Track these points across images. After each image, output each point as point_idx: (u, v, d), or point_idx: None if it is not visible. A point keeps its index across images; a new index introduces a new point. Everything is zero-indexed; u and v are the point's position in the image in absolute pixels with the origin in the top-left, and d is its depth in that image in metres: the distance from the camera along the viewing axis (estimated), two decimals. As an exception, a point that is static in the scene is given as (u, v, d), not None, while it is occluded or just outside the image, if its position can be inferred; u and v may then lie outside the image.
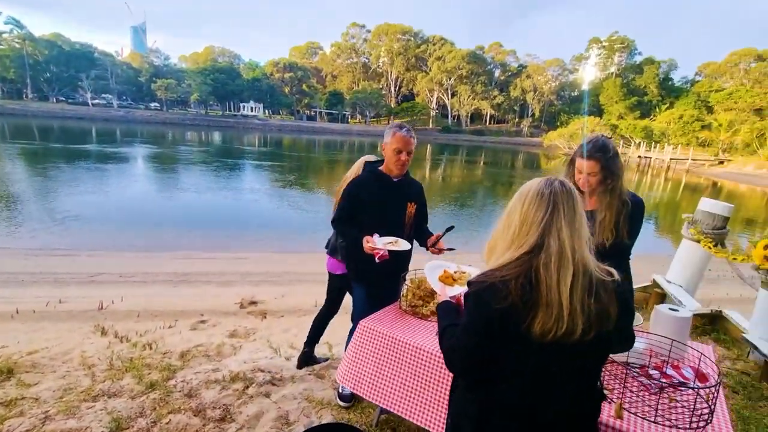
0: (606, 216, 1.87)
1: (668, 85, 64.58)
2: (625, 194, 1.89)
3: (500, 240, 1.03)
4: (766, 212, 18.78)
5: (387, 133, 2.18)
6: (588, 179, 1.88)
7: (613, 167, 1.85)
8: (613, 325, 0.94)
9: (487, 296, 0.95)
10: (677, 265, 4.14)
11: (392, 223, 2.25)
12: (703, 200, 3.96)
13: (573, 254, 0.93)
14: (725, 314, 3.27)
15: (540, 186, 1.00)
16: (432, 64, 70.27)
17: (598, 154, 1.83)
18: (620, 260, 1.98)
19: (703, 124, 45.72)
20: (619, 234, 1.88)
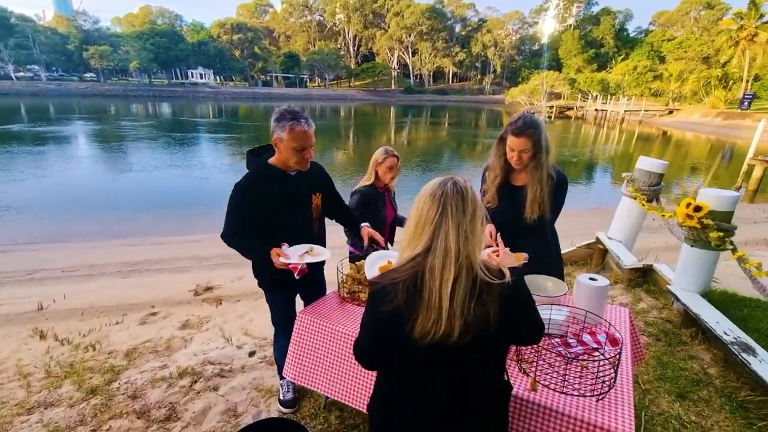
0: (536, 191, 1.92)
1: (624, 36, 65.70)
2: (551, 169, 1.92)
3: (404, 239, 1.05)
4: (709, 159, 20.10)
5: (280, 127, 1.75)
6: (520, 156, 1.90)
7: (543, 142, 1.88)
8: (495, 327, 0.95)
9: (378, 298, 1.00)
10: (617, 222, 4.37)
11: (297, 224, 1.95)
12: (640, 159, 4.12)
13: (458, 257, 0.94)
14: (654, 267, 3.52)
15: (433, 187, 1.01)
16: (390, 20, 67.58)
17: (530, 130, 1.84)
18: (544, 231, 2.04)
19: (655, 75, 47.15)
20: (544, 208, 1.92)
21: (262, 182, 1.85)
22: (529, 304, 1.09)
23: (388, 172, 2.62)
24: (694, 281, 2.92)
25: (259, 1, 76.94)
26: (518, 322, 1.05)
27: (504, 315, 0.97)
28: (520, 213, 1.98)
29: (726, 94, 38.67)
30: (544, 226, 2.01)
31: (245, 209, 1.84)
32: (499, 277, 0.98)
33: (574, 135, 29.44)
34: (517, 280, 1.03)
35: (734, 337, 2.38)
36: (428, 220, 0.97)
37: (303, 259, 1.82)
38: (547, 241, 2.12)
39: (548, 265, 2.11)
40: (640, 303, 3.31)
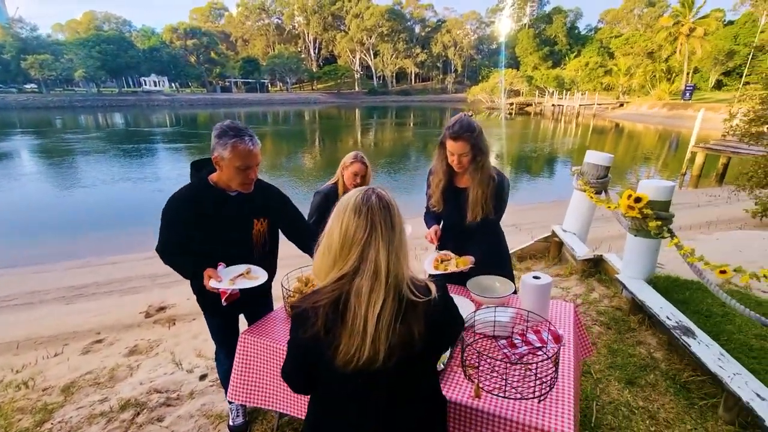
0: (477, 193, 1.93)
1: (575, 34, 68.64)
2: (492, 170, 1.94)
3: (324, 260, 0.96)
4: (658, 148, 21.38)
5: (221, 144, 1.61)
6: (460, 159, 1.91)
7: (480, 144, 1.89)
8: (420, 346, 0.91)
9: (297, 323, 0.93)
10: (571, 215, 4.51)
11: (233, 249, 1.80)
12: (588, 153, 4.26)
13: (387, 277, 0.89)
14: (605, 258, 3.65)
15: (357, 202, 0.92)
16: (350, 22, 67.44)
17: (467, 133, 1.85)
18: (490, 232, 2.06)
19: (605, 70, 49.65)
20: (487, 209, 1.93)
21: (196, 200, 1.72)
22: (455, 318, 1.06)
23: (352, 177, 2.51)
24: (640, 269, 3.04)
25: (213, 4, 74.57)
26: (443, 336, 1.01)
27: (429, 332, 0.93)
28: (465, 215, 1.99)
29: (670, 86, 41.32)
30: (489, 226, 2.03)
31: (177, 225, 1.73)
32: (426, 294, 0.94)
33: (533, 130, 30.48)
34: (444, 294, 0.99)
35: (676, 321, 2.48)
36: (356, 239, 0.90)
37: (235, 283, 1.70)
38: (494, 241, 2.13)
39: (497, 265, 2.13)
40: (593, 293, 3.42)
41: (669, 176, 14.25)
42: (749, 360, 2.34)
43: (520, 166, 16.02)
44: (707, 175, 13.00)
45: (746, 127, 6.62)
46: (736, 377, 1.98)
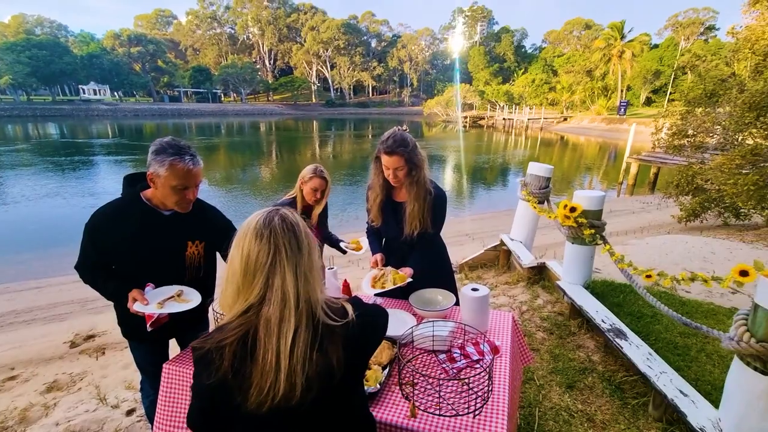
0: (414, 207, 1.93)
1: (522, 52, 72.85)
2: (429, 184, 1.95)
3: (227, 292, 0.88)
4: (598, 159, 23.03)
5: (158, 161, 1.50)
6: (395, 173, 1.90)
7: (415, 159, 1.89)
8: (341, 372, 0.86)
9: (201, 367, 0.83)
10: (517, 224, 4.67)
11: (161, 271, 1.67)
12: (530, 164, 4.45)
13: (298, 303, 0.83)
14: (547, 265, 3.80)
15: (258, 226, 0.85)
16: (306, 34, 67.40)
17: (400, 148, 1.85)
18: (430, 245, 2.06)
19: (550, 86, 53.28)
20: (425, 223, 1.94)
21: (124, 216, 1.60)
22: (375, 332, 1.00)
23: (311, 193, 2.37)
24: (578, 275, 3.18)
25: (160, 11, 71.59)
26: (365, 356, 0.96)
27: (349, 355, 0.87)
28: (403, 229, 1.98)
29: (607, 102, 44.94)
30: (429, 239, 2.03)
31: (99, 242, 1.60)
32: (343, 315, 0.88)
33: (487, 142, 31.81)
34: (362, 312, 0.94)
35: (610, 324, 2.60)
36: (259, 265, 0.83)
37: (164, 306, 1.57)
38: (435, 254, 2.14)
39: (439, 277, 2.13)
40: (538, 299, 3.53)
41: (609, 185, 15.35)
42: (674, 357, 2.50)
43: (476, 176, 16.60)
44: (642, 184, 14.14)
45: (670, 140, 7.26)
46: (662, 375, 2.10)
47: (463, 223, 9.16)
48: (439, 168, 18.91)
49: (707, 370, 2.39)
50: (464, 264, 5.08)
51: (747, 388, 1.62)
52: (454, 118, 50.43)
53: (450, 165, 19.57)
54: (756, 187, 4.53)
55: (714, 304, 3.30)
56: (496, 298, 3.68)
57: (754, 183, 4.48)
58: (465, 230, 8.28)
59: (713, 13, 46.45)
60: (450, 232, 8.48)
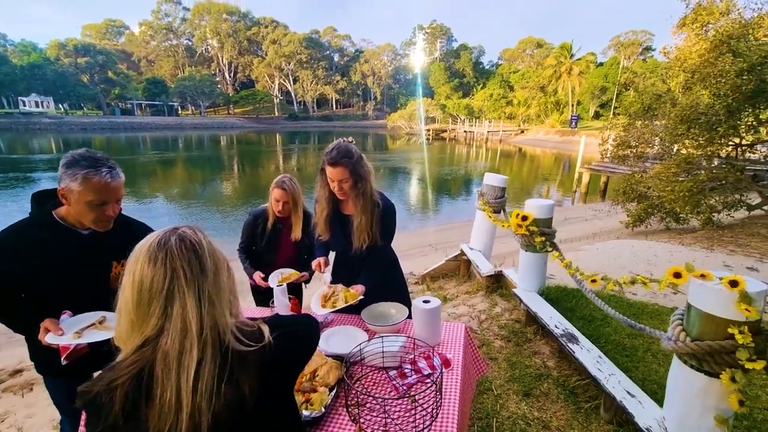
0: (362, 220, 1.88)
1: (480, 68, 75.96)
2: (376, 196, 1.92)
3: (122, 324, 0.78)
4: (554, 170, 24.20)
5: (69, 175, 1.37)
6: (341, 186, 1.85)
7: (360, 171, 1.85)
8: (255, 402, 0.78)
9: (89, 415, 0.74)
10: (476, 233, 4.74)
11: (82, 298, 1.51)
12: (486, 175, 4.55)
13: (202, 331, 0.74)
14: (504, 273, 3.87)
15: (151, 248, 0.77)
16: (268, 48, 66.91)
17: (344, 159, 1.80)
18: (381, 257, 2.01)
19: (507, 101, 55.77)
20: (374, 236, 1.90)
21: (31, 238, 1.45)
22: (303, 353, 0.93)
23: (275, 203, 2.40)
24: (532, 282, 3.25)
25: (111, 21, 68.45)
26: (289, 379, 0.89)
27: (267, 383, 0.80)
28: (353, 242, 1.93)
29: (560, 116, 47.61)
30: (380, 252, 1.99)
31: (6, 267, 1.41)
32: (258, 339, 0.81)
33: (449, 154, 32.63)
34: (285, 332, 0.86)
35: (563, 329, 2.66)
36: (154, 293, 0.74)
37: (82, 335, 1.41)
38: (387, 267, 2.10)
39: (392, 290, 2.08)
40: (496, 307, 3.57)
41: (564, 194, 16.11)
42: (623, 359, 2.58)
43: (440, 187, 16.90)
44: (594, 192, 14.95)
45: (615, 150, 7.73)
46: (611, 378, 2.15)
47: (426, 234, 9.24)
48: (404, 180, 19.11)
49: (653, 370, 2.49)
50: (426, 275, 5.09)
51: (686, 386, 1.68)
52: (417, 131, 51.46)
53: (414, 177, 19.84)
54: (690, 194, 4.88)
55: (658, 304, 3.47)
56: (456, 308, 3.68)
57: (688, 189, 4.82)
58: (429, 241, 8.35)
59: (650, 35, 50.71)
60: (414, 243, 8.53)
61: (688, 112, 4.88)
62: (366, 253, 1.94)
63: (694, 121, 4.81)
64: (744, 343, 1.42)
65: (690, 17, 6.41)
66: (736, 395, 1.49)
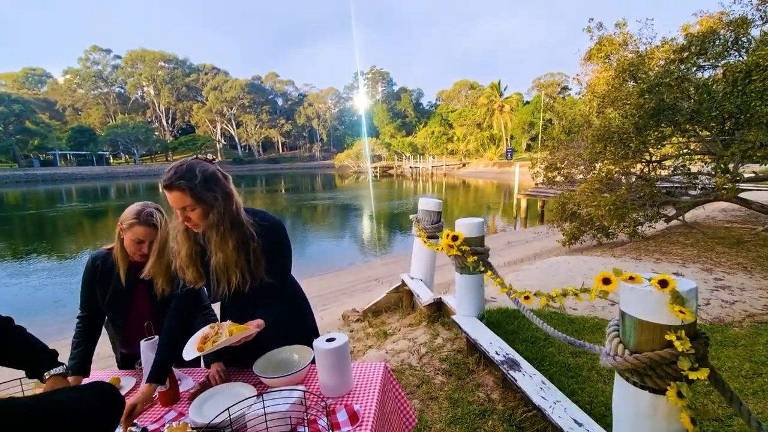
0: (221, 258, 1.46)
1: (420, 109, 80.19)
2: (247, 226, 1.49)
3: None
4: (496, 198, 25.33)
5: None
6: (185, 215, 1.41)
7: (206, 196, 1.39)
8: None
9: None
10: (415, 261, 4.52)
11: None
12: (421, 200, 4.41)
13: None
14: (443, 300, 3.63)
15: None
16: (208, 93, 66.07)
17: (181, 181, 1.35)
18: (277, 293, 1.61)
19: (448, 137, 58.98)
20: (256, 275, 1.50)
21: None
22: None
23: (134, 246, 1.71)
24: (470, 306, 3.03)
25: (30, 70, 63.96)
26: None
27: None
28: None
29: (496, 149, 50.96)
30: (275, 290, 1.59)
31: None
32: None
33: (397, 189, 33.20)
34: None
35: (504, 354, 2.42)
36: None
37: None
38: (289, 302, 1.73)
39: (296, 331, 1.73)
40: (438, 338, 3.29)
41: (509, 221, 16.69)
42: (568, 381, 2.38)
43: (389, 221, 16.85)
44: (533, 217, 15.64)
45: (545, 173, 8.10)
46: (556, 406, 1.91)
47: (373, 268, 8.92)
48: (351, 215, 18.89)
49: (599, 389, 2.30)
50: (367, 310, 4.73)
51: (631, 407, 1.47)
52: (364, 169, 52.31)
53: (361, 212, 19.73)
54: (615, 207, 5.07)
55: (598, 317, 3.39)
56: (396, 343, 3.35)
57: (612, 203, 5.02)
58: (375, 275, 8.03)
59: (565, 76, 56.89)
60: (359, 278, 8.15)
61: (602, 132, 5.20)
62: (258, 292, 1.55)
63: (609, 139, 5.14)
64: (684, 350, 1.24)
65: (595, 49, 7.08)
66: (686, 412, 1.30)
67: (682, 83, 4.66)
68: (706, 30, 5.79)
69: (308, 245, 12.82)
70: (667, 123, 4.96)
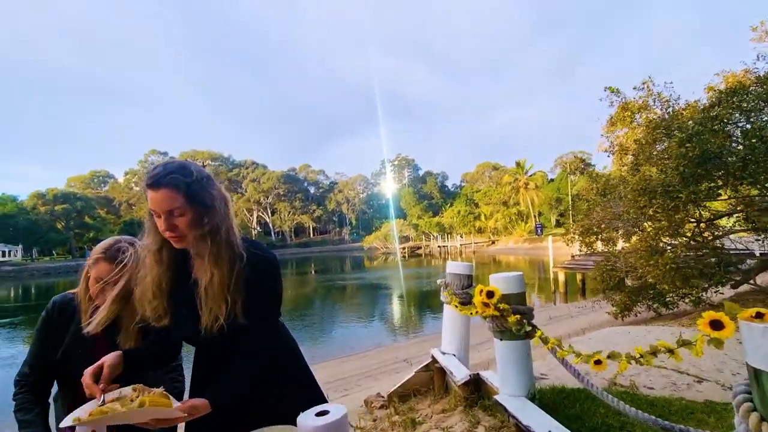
0: (214, 276, 1.12)
1: (446, 191, 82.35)
2: (238, 244, 1.18)
3: None
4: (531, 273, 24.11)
5: None
6: (170, 221, 1.10)
7: (203, 196, 1.12)
8: None
9: None
10: (447, 333, 3.96)
11: None
12: (448, 264, 4.02)
13: None
14: (481, 376, 3.02)
15: None
16: (247, 185, 71.20)
17: (173, 177, 1.08)
18: (257, 342, 1.21)
19: (474, 216, 59.20)
20: (234, 307, 1.13)
21: None
22: None
23: (95, 284, 1.41)
24: (517, 382, 2.46)
25: (96, 173, 72.22)
26: None
27: None
28: (199, 319, 1.16)
29: (525, 226, 50.21)
30: (252, 336, 1.19)
31: None
32: None
33: (426, 267, 32.54)
34: None
35: (569, 446, 1.81)
36: None
37: None
38: (273, 358, 1.27)
39: (285, 397, 1.29)
40: (478, 427, 2.64)
41: (547, 297, 15.49)
42: (668, 487, 1.70)
43: (419, 299, 16.09)
44: (573, 291, 14.46)
45: (582, 239, 7.54)
46: None
47: (401, 348, 8.15)
48: (382, 295, 18.20)
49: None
50: (393, 393, 4.05)
51: None
52: (393, 249, 52.30)
53: (391, 291, 19.06)
54: (675, 266, 4.44)
55: (685, 398, 2.66)
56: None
57: (672, 262, 4.40)
58: (404, 355, 7.26)
59: (587, 154, 57.70)
60: (386, 359, 7.36)
61: (643, 184, 4.79)
62: (231, 340, 1.17)
63: (652, 192, 4.70)
64: None
65: (618, 113, 7.00)
66: None
67: (725, 127, 4.33)
68: (735, 85, 5.61)
69: (333, 326, 12.20)
70: (716, 170, 4.51)
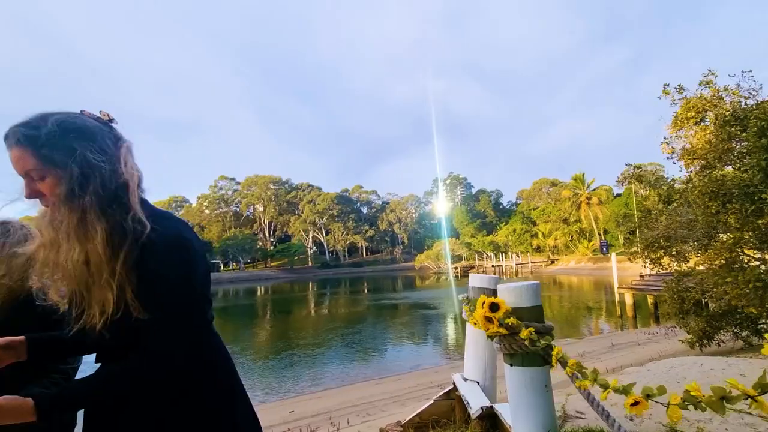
0: (76, 257, 0.84)
1: (500, 208, 79.41)
2: (131, 216, 0.86)
3: None
4: (596, 295, 22.02)
5: None
6: (33, 188, 0.86)
7: (56, 154, 0.84)
8: None
9: None
10: (469, 357, 3.50)
11: None
12: (471, 276, 3.60)
13: None
14: (495, 410, 2.55)
15: None
16: (303, 207, 74.22)
17: (16, 130, 0.84)
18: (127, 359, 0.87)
19: (531, 234, 56.04)
20: (118, 294, 0.84)
21: None
22: None
23: None
24: (534, 419, 1.98)
25: (174, 198, 79.85)
26: None
27: None
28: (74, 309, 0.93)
29: (588, 244, 46.41)
30: (143, 333, 0.85)
31: None
32: None
33: (478, 289, 31.10)
34: None
35: None
36: None
37: None
38: (154, 368, 0.86)
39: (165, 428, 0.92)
40: (490, 471, 2.17)
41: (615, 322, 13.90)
42: None
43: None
44: (645, 316, 12.81)
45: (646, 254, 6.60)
46: None
47: (440, 372, 7.57)
48: (429, 315, 17.55)
49: None
50: (408, 423, 3.63)
51: None
52: (445, 269, 50.95)
53: (438, 311, 18.36)
54: (762, 284, 3.60)
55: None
56: (429, 475, 2.29)
57: (757, 278, 3.57)
58: (439, 380, 6.69)
59: (659, 167, 52.61)
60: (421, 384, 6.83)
61: (715, 186, 4.01)
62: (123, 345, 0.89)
63: (726, 195, 3.90)
64: None
65: (681, 113, 6.13)
66: None
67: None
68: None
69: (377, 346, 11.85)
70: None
